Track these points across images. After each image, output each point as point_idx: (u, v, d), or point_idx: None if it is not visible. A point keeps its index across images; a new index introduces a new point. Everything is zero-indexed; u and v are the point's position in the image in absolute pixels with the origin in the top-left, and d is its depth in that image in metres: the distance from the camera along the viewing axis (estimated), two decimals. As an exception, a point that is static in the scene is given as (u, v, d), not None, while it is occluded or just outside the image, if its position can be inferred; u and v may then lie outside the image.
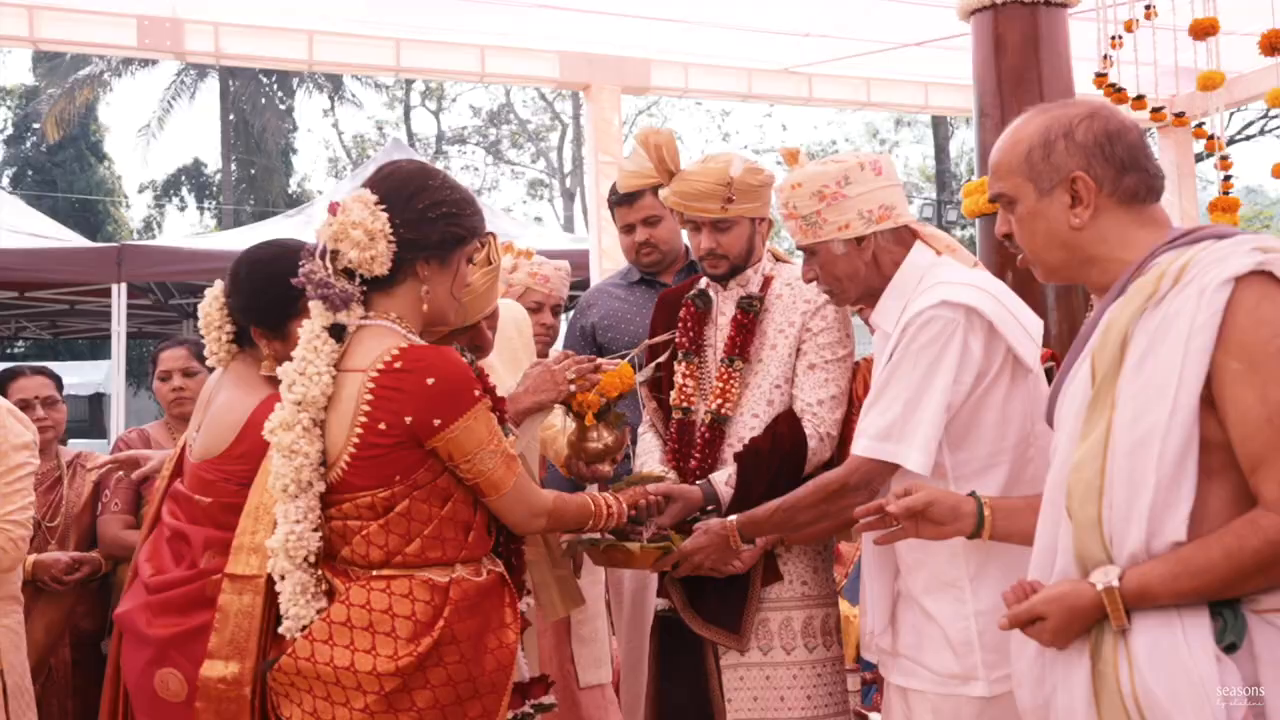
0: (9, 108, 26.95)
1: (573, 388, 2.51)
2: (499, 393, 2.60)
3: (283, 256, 2.29)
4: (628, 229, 3.26)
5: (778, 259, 2.76)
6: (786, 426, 2.56)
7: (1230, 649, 1.46)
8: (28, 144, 26.12)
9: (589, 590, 3.37)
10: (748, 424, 2.61)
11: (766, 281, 2.70)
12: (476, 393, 2.00)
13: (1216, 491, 1.51)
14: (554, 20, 6.41)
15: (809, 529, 2.38)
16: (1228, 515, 1.49)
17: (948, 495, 1.95)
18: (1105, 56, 3.43)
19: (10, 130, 26.78)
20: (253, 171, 23.76)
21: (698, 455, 2.62)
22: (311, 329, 2.02)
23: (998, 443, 2.12)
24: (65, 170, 25.24)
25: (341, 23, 6.81)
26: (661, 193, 2.68)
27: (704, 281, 2.78)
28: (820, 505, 2.23)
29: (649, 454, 2.78)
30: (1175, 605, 1.49)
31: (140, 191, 27.74)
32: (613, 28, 6.42)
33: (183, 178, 26.80)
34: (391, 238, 2.02)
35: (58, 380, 3.84)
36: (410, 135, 24.17)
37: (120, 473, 3.34)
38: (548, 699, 2.33)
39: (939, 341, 2.09)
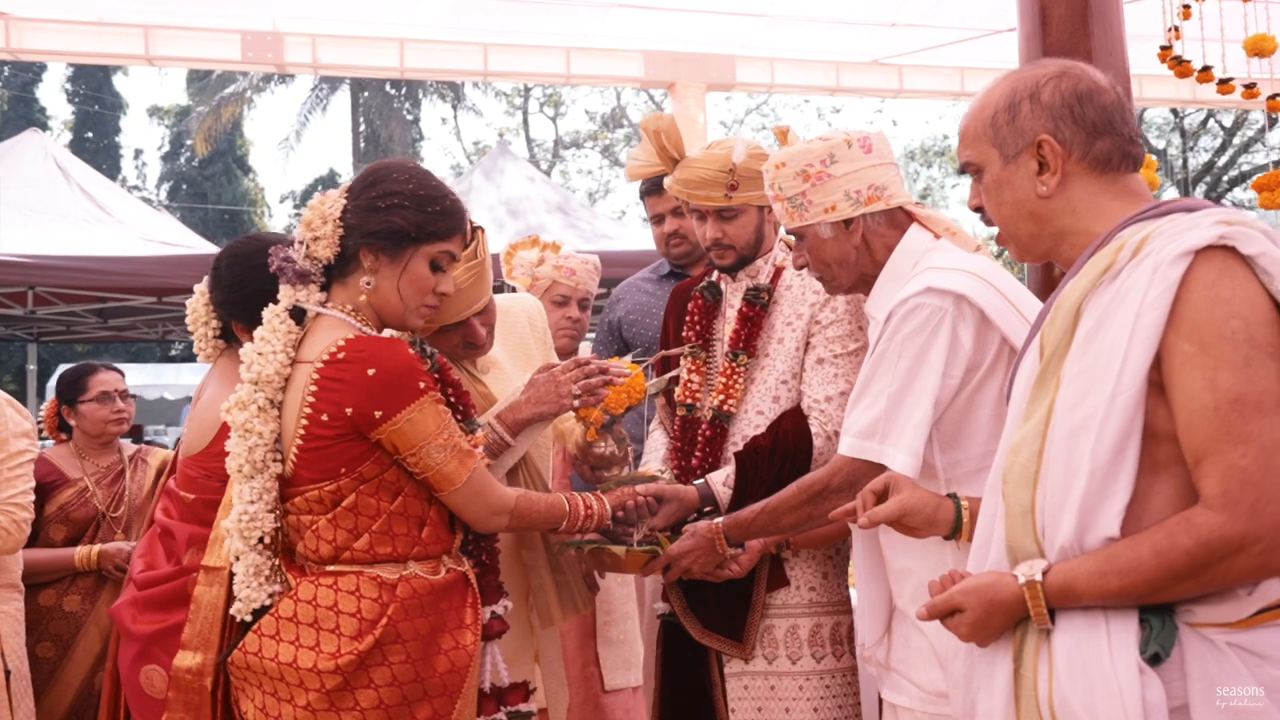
0: (166, 126, 28.54)
1: (577, 402, 2.39)
2: (504, 389, 2.54)
3: (262, 251, 2.26)
4: (657, 219, 3.17)
5: (791, 248, 2.62)
6: (791, 424, 2.42)
7: (1154, 660, 1.30)
8: (181, 159, 27.62)
9: (617, 590, 3.28)
10: (752, 421, 2.48)
11: (777, 272, 2.56)
12: (422, 385, 1.93)
13: (1162, 488, 1.35)
14: (638, 20, 6.38)
15: (803, 531, 2.25)
16: (1172, 514, 1.33)
17: (924, 503, 1.81)
18: (1173, 28, 3.16)
19: (167, 147, 28.37)
20: (382, 181, 24.59)
21: (699, 454, 2.51)
22: (273, 310, 2.01)
23: (993, 442, 1.93)
24: (214, 183, 26.60)
25: (430, 30, 6.94)
26: (665, 181, 2.57)
27: (716, 273, 2.66)
28: (804, 507, 2.09)
29: (655, 451, 2.67)
30: (1103, 607, 1.34)
31: (281, 201, 28.98)
32: (696, 25, 6.35)
33: (319, 187, 27.91)
34: (339, 222, 1.99)
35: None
36: (529, 141, 24.62)
37: None
38: (526, 706, 2.25)
39: (925, 331, 1.93)
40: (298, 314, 2.02)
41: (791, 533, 2.26)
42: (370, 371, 1.89)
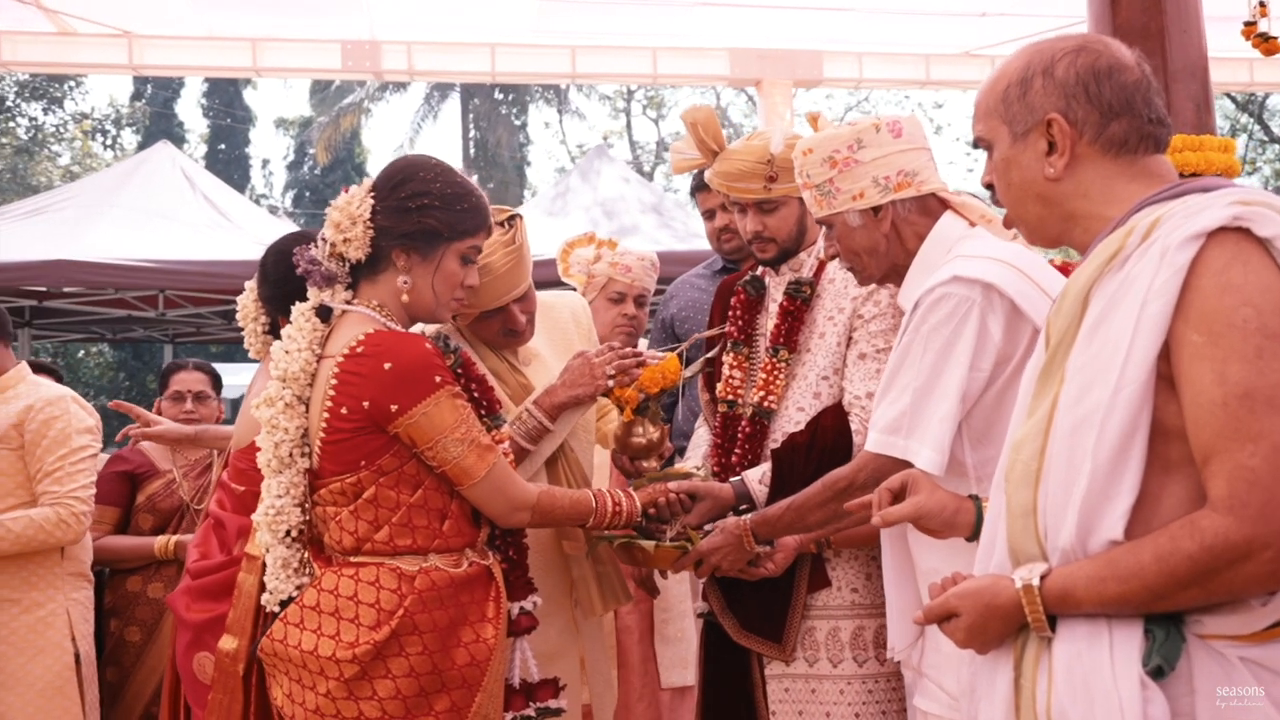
0: (291, 137, 29.66)
1: (611, 383, 2.40)
2: (545, 381, 2.54)
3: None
4: (709, 215, 3.14)
5: (836, 240, 2.55)
6: (831, 420, 2.35)
7: (1157, 673, 1.21)
8: (304, 168, 28.65)
9: (675, 589, 3.26)
10: (793, 418, 2.42)
11: (820, 266, 2.50)
12: (438, 379, 1.95)
13: (1174, 489, 1.26)
14: (724, 18, 6.34)
15: (830, 528, 2.19)
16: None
17: (942, 506, 1.72)
18: (1260, 3, 2.97)
19: (291, 156, 29.48)
20: (490, 185, 25.12)
21: (739, 451, 2.46)
22: (301, 309, 2.05)
23: (1025, 438, 1.85)
24: (335, 191, 27.09)
25: (520, 34, 7.02)
26: (706, 174, 2.54)
27: (760, 267, 2.62)
28: (830, 504, 2.04)
29: (698, 448, 2.64)
30: (1105, 615, 1.25)
31: (398, 208, 29.79)
32: (783, 21, 6.27)
33: (433, 194, 28.55)
34: (369, 223, 2.01)
35: (216, 377, 4.14)
36: (632, 143, 24.85)
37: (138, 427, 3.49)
38: (555, 703, 2.24)
39: (951, 322, 1.86)
40: (324, 311, 2.05)
41: (818, 530, 2.21)
42: (386, 365, 1.91)
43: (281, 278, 2.41)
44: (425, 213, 2.02)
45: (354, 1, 6.70)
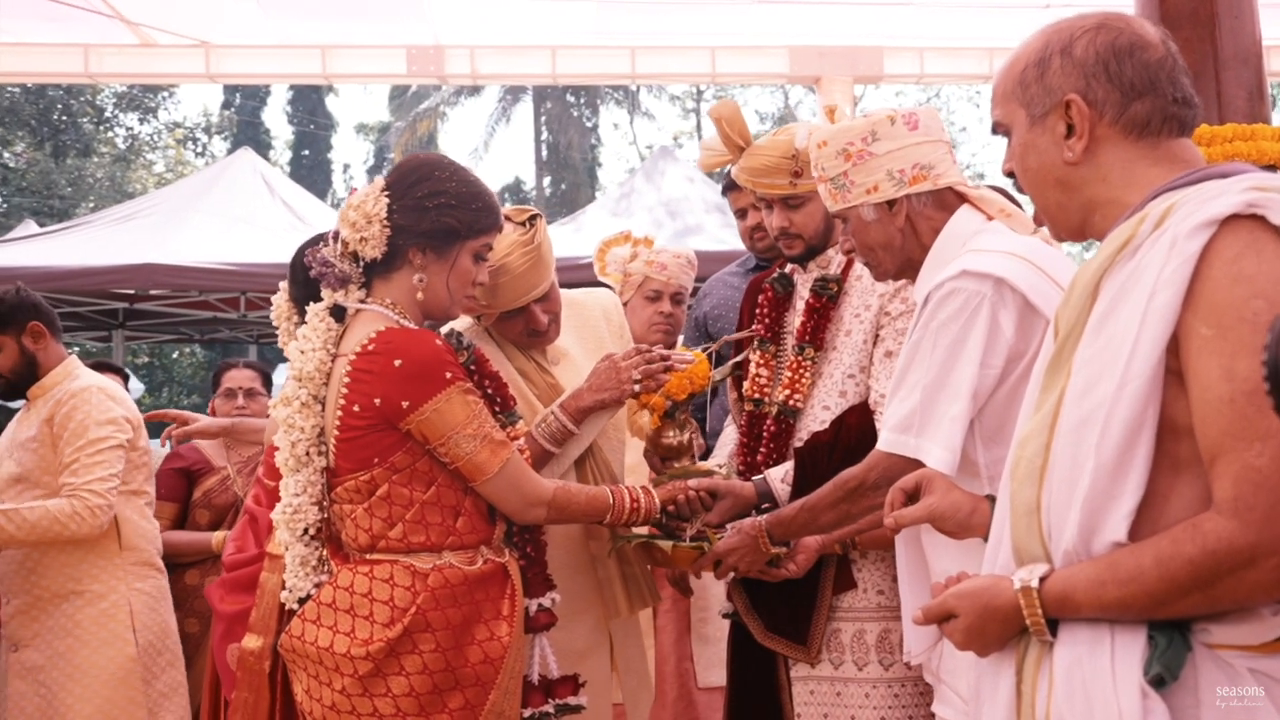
0: (370, 142, 30.26)
1: (637, 388, 2.38)
2: (574, 381, 2.54)
3: None
4: (740, 214, 3.11)
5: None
6: (855, 419, 2.32)
7: (1158, 683, 1.16)
8: (384, 172, 29.23)
9: (714, 587, 3.23)
10: (818, 417, 2.39)
11: (849, 262, 2.46)
12: (449, 375, 1.96)
13: (1183, 490, 1.20)
14: (783, 14, 6.29)
15: (843, 529, 2.16)
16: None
17: (956, 507, 1.67)
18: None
19: (371, 161, 30.09)
20: (563, 186, 25.36)
21: (764, 449, 2.44)
22: (315, 309, 2.08)
23: (1040, 437, 1.80)
24: (413, 195, 27.99)
25: (580, 35, 7.04)
26: (732, 170, 2.52)
27: (790, 264, 2.59)
28: (841, 505, 2.00)
29: (724, 447, 2.62)
30: (1108, 620, 1.21)
31: (475, 210, 30.26)
32: (842, 17, 6.19)
33: (505, 195, 28.97)
34: (386, 222, 2.03)
35: (266, 375, 4.23)
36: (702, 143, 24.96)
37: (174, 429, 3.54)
38: (575, 700, 2.24)
39: (961, 318, 1.81)
40: (339, 311, 2.09)
41: (834, 530, 2.17)
42: (396, 362, 1.93)
43: (310, 278, 2.45)
44: (443, 211, 2.04)
45: (419, 7, 6.80)
